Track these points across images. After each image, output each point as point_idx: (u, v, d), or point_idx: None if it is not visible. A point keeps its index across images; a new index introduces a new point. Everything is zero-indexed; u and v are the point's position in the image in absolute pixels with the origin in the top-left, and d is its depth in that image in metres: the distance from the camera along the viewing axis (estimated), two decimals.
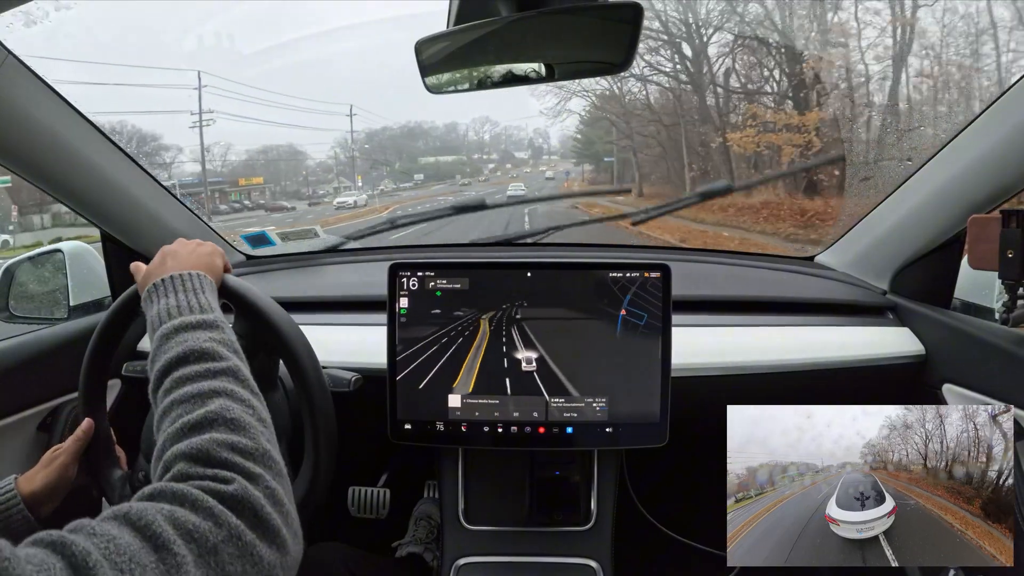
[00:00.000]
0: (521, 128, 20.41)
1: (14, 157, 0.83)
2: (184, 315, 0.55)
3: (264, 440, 0.46)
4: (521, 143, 19.19)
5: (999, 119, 0.78)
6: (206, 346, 0.51)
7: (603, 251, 1.32)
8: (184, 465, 0.42)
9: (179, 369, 0.50)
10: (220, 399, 0.47)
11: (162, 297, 0.57)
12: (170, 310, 0.55)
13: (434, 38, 0.73)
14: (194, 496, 0.39)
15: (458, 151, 18.63)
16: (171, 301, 0.56)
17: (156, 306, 0.57)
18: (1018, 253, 0.70)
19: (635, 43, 0.67)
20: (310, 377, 0.69)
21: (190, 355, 0.50)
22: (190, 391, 0.47)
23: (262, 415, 0.48)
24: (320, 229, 1.35)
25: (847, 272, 1.13)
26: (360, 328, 0.99)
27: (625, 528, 0.98)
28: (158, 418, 0.48)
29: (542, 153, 18.87)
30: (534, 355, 0.84)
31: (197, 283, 0.59)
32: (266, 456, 0.45)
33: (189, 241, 0.68)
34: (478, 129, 19.13)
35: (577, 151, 14.96)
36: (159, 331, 0.54)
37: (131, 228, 1.05)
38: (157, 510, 0.38)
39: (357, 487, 1.11)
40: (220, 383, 0.48)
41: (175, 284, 0.58)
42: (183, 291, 0.58)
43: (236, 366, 0.51)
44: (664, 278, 0.83)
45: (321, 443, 0.69)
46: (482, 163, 18.60)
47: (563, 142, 18.27)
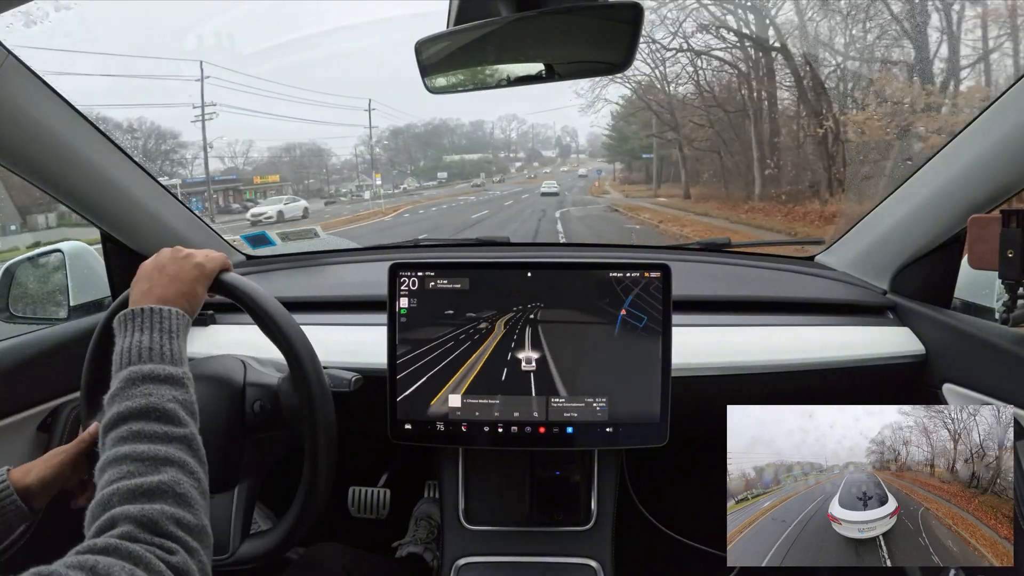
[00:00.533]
0: (548, 126, 20.14)
1: (14, 157, 0.83)
2: (155, 362, 0.56)
3: (204, 516, 0.50)
4: (548, 141, 18.97)
5: (999, 119, 0.78)
6: (169, 407, 0.53)
7: (603, 251, 1.32)
8: (131, 527, 0.45)
9: (139, 423, 0.52)
10: (173, 470, 0.50)
11: (136, 331, 0.58)
12: (141, 351, 0.56)
13: (434, 38, 0.73)
14: (148, 560, 0.43)
15: (484, 149, 18.26)
16: (144, 340, 0.57)
17: (129, 338, 0.57)
18: (1018, 253, 0.70)
19: (635, 43, 0.67)
20: (311, 377, 0.69)
21: (151, 412, 0.53)
22: (145, 452, 0.50)
23: (205, 487, 0.52)
24: (320, 229, 1.35)
25: (847, 272, 1.13)
26: (360, 328, 0.99)
27: (625, 528, 0.98)
28: (106, 461, 0.51)
29: (570, 151, 18.56)
30: (534, 355, 0.84)
31: (174, 325, 0.60)
32: (204, 532, 0.49)
33: (181, 256, 0.67)
34: (504, 127, 18.89)
35: (610, 147, 14.43)
36: (126, 371, 0.55)
37: (131, 228, 1.05)
38: (120, 567, 0.42)
39: (357, 487, 1.11)
40: (176, 451, 0.51)
41: (152, 320, 0.59)
42: (158, 331, 0.58)
43: (192, 434, 0.54)
44: (664, 278, 0.83)
45: (321, 443, 0.69)
46: (508, 161, 18.24)
47: (591, 140, 17.95)
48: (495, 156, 18.13)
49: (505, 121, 18.94)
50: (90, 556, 0.42)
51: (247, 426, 0.73)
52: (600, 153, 16.28)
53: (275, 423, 0.74)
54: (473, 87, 0.77)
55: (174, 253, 0.67)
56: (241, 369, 0.78)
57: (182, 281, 0.64)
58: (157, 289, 0.62)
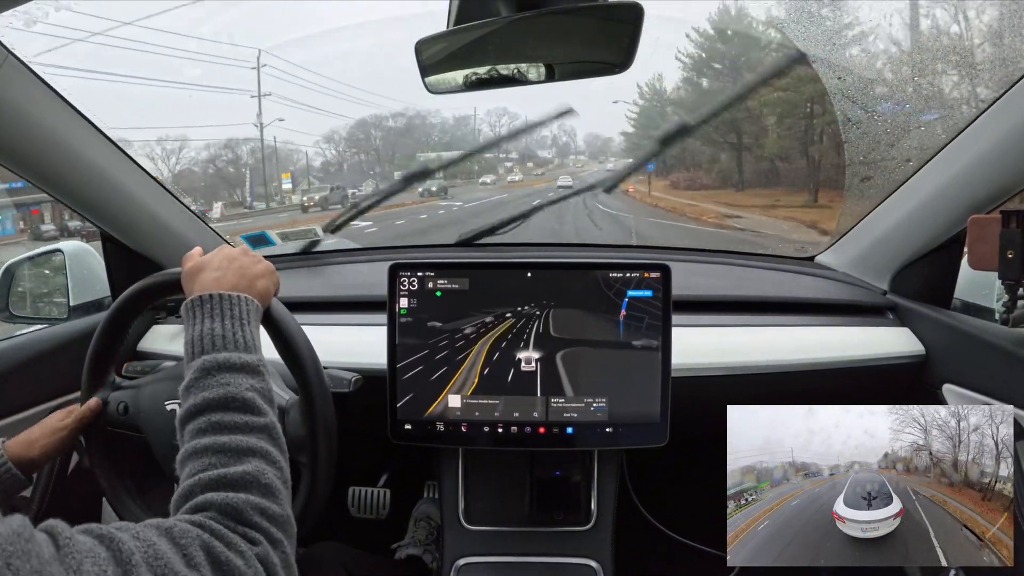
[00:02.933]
0: (544, 123, 18.39)
1: (14, 157, 0.83)
2: (229, 350, 0.54)
3: (288, 506, 0.49)
4: (544, 140, 16.54)
5: (999, 119, 0.78)
6: (248, 396, 0.52)
7: (603, 251, 1.32)
8: (216, 515, 0.45)
9: (218, 413, 0.50)
10: (256, 460, 0.49)
11: (207, 318, 0.56)
12: (215, 338, 0.54)
13: (434, 38, 0.73)
14: (229, 538, 0.43)
15: (467, 147, 15.54)
16: (216, 327, 0.55)
17: (200, 325, 0.55)
18: (1018, 253, 0.70)
19: (635, 43, 0.67)
20: (311, 377, 0.69)
21: (231, 402, 0.51)
22: (227, 443, 0.49)
23: (287, 476, 0.51)
24: (320, 229, 1.34)
25: (847, 272, 1.13)
26: (360, 328, 0.99)
27: (625, 528, 0.98)
28: (187, 454, 0.49)
29: (569, 152, 16.80)
30: (534, 355, 0.84)
31: (245, 311, 0.58)
32: (288, 523, 0.48)
33: (250, 253, 0.66)
34: (494, 123, 16.40)
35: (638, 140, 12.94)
36: (200, 360, 0.53)
37: (131, 228, 1.05)
38: (197, 535, 0.42)
39: (357, 487, 1.11)
40: (257, 441, 0.50)
41: (223, 306, 0.57)
42: (230, 317, 0.56)
43: (272, 423, 0.53)
44: (664, 278, 0.83)
45: (321, 444, 0.69)
46: (498, 162, 15.81)
47: (589, 141, 16.55)
48: (480, 155, 15.68)
49: (495, 116, 16.45)
50: (170, 519, 0.43)
51: None
52: (602, 153, 15.40)
53: None
54: (473, 87, 0.77)
55: (243, 250, 0.65)
56: None
57: (254, 274, 0.63)
58: (230, 276, 0.60)
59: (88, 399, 0.77)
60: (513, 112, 16.16)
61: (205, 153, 13.22)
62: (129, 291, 0.75)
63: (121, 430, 0.77)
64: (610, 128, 18.49)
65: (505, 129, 17.07)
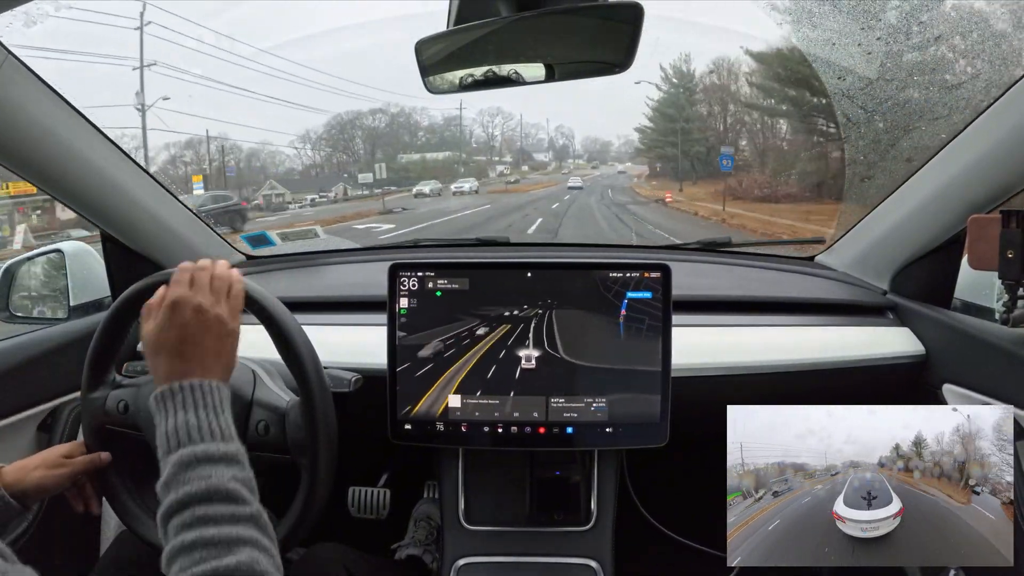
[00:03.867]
0: (540, 125, 15.72)
1: (14, 157, 0.83)
2: (207, 441, 0.53)
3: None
4: (541, 143, 15.29)
5: (999, 119, 0.78)
6: (232, 487, 0.51)
7: (603, 251, 1.32)
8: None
9: (202, 506, 0.50)
10: (247, 549, 0.48)
11: (179, 410, 0.55)
12: (190, 431, 0.53)
13: (434, 38, 0.73)
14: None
15: (457, 147, 14.39)
16: (191, 419, 0.54)
17: (173, 419, 0.54)
18: (1018, 253, 0.70)
19: (635, 43, 0.67)
20: (312, 378, 0.69)
21: (215, 494, 0.50)
22: (216, 535, 0.48)
23: (279, 562, 0.51)
24: (320, 229, 1.35)
25: (847, 272, 1.13)
26: (360, 328, 0.99)
27: (625, 528, 0.98)
28: (175, 550, 0.49)
29: (567, 154, 15.83)
30: (534, 355, 0.84)
31: (218, 399, 0.57)
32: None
33: (198, 312, 0.59)
34: (486, 123, 15.23)
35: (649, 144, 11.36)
36: (178, 454, 0.52)
37: (131, 228, 1.05)
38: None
39: (357, 487, 1.11)
40: (246, 531, 0.50)
41: (195, 397, 0.55)
42: (203, 408, 0.55)
43: (259, 512, 0.52)
44: (664, 278, 0.83)
45: (321, 446, 0.69)
46: (489, 165, 14.53)
47: (587, 144, 15.26)
48: (466, 155, 14.36)
49: (487, 116, 15.34)
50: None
51: (247, 443, 0.72)
52: (599, 157, 14.81)
53: (275, 449, 0.72)
54: (473, 87, 0.77)
55: (194, 313, 0.59)
56: (251, 382, 0.76)
57: (223, 351, 0.60)
58: (192, 360, 0.58)
59: (88, 396, 0.77)
60: (508, 112, 15.05)
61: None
62: (131, 289, 0.75)
63: (120, 428, 0.77)
64: (608, 131, 17.61)
65: (499, 130, 15.78)
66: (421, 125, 15.17)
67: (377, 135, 14.46)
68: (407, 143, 14.70)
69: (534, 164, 15.24)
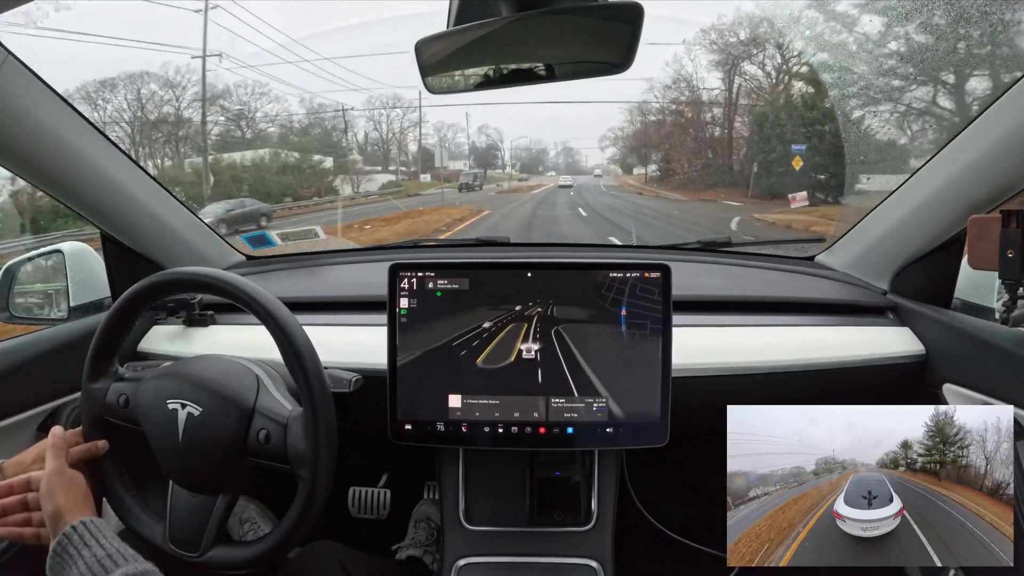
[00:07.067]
0: (460, 128, 13.34)
1: (14, 157, 0.83)
2: (122, 564, 0.59)
3: None
4: (460, 148, 13.08)
5: (998, 119, 0.78)
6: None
7: (603, 251, 1.32)
8: None
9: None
10: None
11: (83, 548, 0.61)
12: (102, 561, 0.59)
13: (434, 38, 0.73)
14: None
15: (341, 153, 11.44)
16: (98, 551, 0.60)
17: (82, 560, 0.60)
18: (1018, 253, 0.70)
19: (635, 43, 0.67)
20: (312, 378, 0.69)
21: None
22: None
23: None
24: (320, 229, 1.35)
25: (847, 272, 1.13)
26: (360, 328, 0.99)
27: (625, 528, 0.98)
28: None
29: (493, 162, 14.55)
30: (535, 355, 0.84)
31: (98, 530, 0.63)
32: None
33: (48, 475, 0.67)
34: (377, 118, 11.95)
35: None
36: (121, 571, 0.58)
37: (131, 228, 1.05)
38: None
39: (357, 488, 1.11)
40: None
41: (84, 536, 0.62)
42: (95, 542, 0.61)
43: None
44: (664, 278, 0.83)
45: (322, 456, 0.69)
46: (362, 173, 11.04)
47: (514, 152, 15.19)
48: (344, 160, 12.00)
49: (380, 109, 13.32)
50: None
51: (247, 449, 0.72)
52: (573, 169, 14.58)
53: (275, 459, 0.72)
54: (473, 87, 0.77)
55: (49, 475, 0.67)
56: (254, 389, 0.75)
57: (77, 493, 0.67)
58: (65, 501, 0.65)
59: (89, 386, 0.77)
60: (408, 100, 12.71)
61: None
62: (128, 293, 0.75)
63: (120, 422, 0.77)
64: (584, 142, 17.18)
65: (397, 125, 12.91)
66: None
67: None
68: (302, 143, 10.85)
69: (447, 174, 12.25)
